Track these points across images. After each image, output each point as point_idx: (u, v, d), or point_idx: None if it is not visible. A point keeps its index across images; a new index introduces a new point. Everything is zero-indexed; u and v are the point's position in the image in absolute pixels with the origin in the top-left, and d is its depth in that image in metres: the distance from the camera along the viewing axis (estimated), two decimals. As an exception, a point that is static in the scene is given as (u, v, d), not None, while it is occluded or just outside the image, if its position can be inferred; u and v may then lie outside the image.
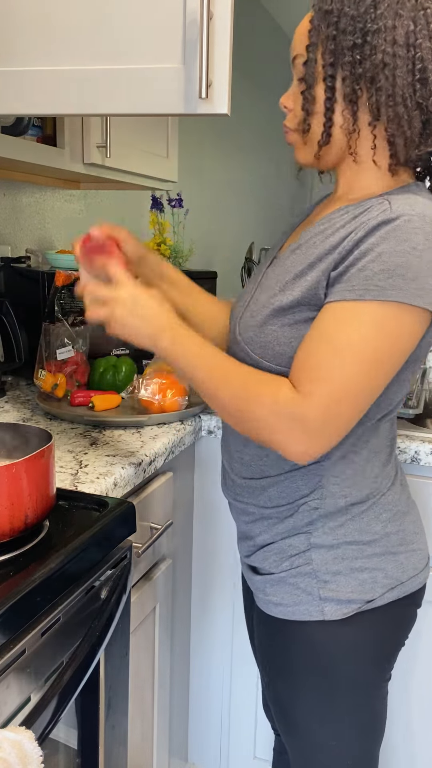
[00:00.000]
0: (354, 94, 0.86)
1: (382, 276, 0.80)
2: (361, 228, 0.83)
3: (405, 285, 0.79)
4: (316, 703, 0.98)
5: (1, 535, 0.79)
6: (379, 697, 1.01)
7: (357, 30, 0.84)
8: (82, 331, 1.48)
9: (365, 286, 0.80)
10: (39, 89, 0.98)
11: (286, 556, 0.97)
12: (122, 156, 1.69)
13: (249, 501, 1.01)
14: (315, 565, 0.94)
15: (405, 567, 0.96)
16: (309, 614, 0.95)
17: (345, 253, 0.84)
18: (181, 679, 1.58)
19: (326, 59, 0.87)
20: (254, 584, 1.02)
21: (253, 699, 1.58)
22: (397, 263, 0.79)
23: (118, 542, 0.92)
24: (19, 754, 0.61)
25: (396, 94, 0.84)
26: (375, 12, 0.83)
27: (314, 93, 0.89)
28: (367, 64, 0.84)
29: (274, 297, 0.90)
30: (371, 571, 0.94)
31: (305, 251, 0.90)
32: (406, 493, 1.01)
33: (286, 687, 1.00)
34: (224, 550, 1.53)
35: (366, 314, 0.81)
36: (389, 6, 0.83)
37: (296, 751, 1.04)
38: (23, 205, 1.83)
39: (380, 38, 0.83)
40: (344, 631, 0.94)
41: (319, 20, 0.87)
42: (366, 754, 1.02)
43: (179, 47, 0.92)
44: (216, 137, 3.07)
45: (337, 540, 0.94)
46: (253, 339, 0.92)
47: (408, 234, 0.80)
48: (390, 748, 1.44)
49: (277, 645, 1.00)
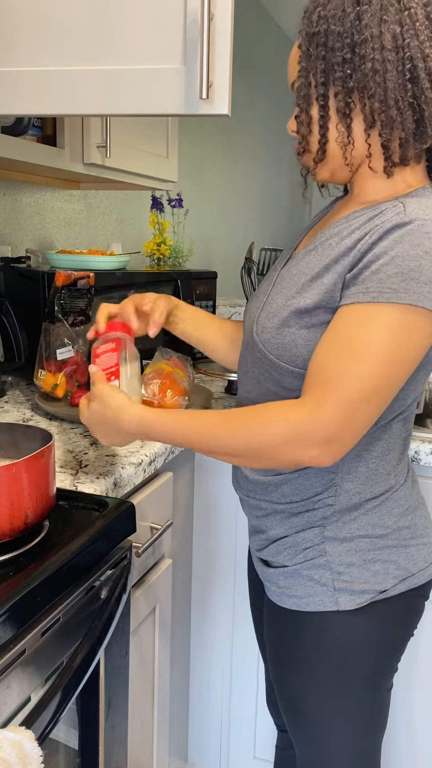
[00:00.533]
0: (347, 107, 0.88)
1: (396, 279, 0.81)
2: (375, 231, 0.84)
3: (418, 288, 0.80)
4: (328, 695, 0.99)
5: (1, 535, 0.79)
6: (386, 688, 1.02)
7: (345, 45, 0.86)
8: (82, 331, 1.48)
9: (379, 289, 0.81)
10: (39, 89, 0.98)
11: (300, 549, 0.98)
12: (122, 156, 1.69)
13: (262, 497, 1.02)
14: (329, 556, 0.96)
15: (416, 559, 0.98)
16: (323, 605, 0.96)
17: (360, 256, 0.85)
18: (181, 679, 1.58)
19: (317, 79, 0.89)
20: (267, 577, 1.03)
21: (253, 699, 1.58)
22: (411, 267, 0.80)
23: (118, 542, 0.92)
24: (19, 754, 0.61)
25: (388, 98, 0.85)
26: (360, 23, 0.85)
27: (311, 114, 0.91)
28: (357, 75, 0.86)
29: (292, 299, 0.91)
30: (383, 562, 0.96)
31: (321, 253, 0.91)
32: (417, 489, 1.03)
33: (297, 679, 1.01)
34: (224, 550, 1.53)
35: (380, 317, 0.82)
36: (373, 15, 0.84)
37: (304, 744, 1.04)
38: (23, 205, 1.83)
39: (368, 47, 0.84)
40: (357, 620, 0.96)
41: (307, 44, 0.89)
42: (370, 747, 1.03)
43: (180, 48, 0.92)
44: (216, 137, 3.07)
45: (350, 533, 0.96)
46: (270, 340, 0.93)
47: (421, 238, 0.81)
48: (392, 741, 1.44)
49: (289, 637, 1.01)
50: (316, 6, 0.89)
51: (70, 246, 2.08)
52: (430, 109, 0.86)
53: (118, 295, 1.64)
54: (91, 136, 1.56)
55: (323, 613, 0.97)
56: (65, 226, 2.04)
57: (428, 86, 0.85)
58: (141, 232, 2.49)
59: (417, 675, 1.39)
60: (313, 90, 0.90)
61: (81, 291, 1.48)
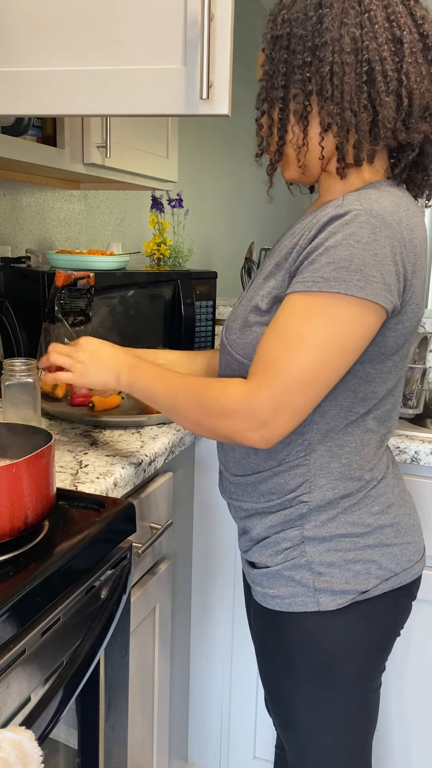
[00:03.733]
0: (305, 110, 0.90)
1: (328, 269, 0.83)
2: (315, 225, 0.87)
3: (348, 276, 0.82)
4: (315, 696, 0.99)
5: (1, 535, 0.79)
6: (373, 688, 1.02)
7: (306, 48, 0.87)
8: (82, 331, 1.48)
9: (313, 279, 0.84)
10: (39, 89, 0.98)
11: (281, 549, 0.98)
12: (122, 156, 1.69)
13: (242, 498, 1.03)
14: (309, 557, 0.96)
15: (399, 559, 0.98)
16: (305, 605, 0.96)
17: (301, 250, 0.88)
18: (181, 679, 1.58)
19: (278, 82, 0.90)
20: (252, 578, 1.04)
21: (253, 699, 1.58)
22: (342, 256, 0.82)
23: (118, 542, 0.92)
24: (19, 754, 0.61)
25: (344, 100, 0.87)
26: (321, 26, 0.86)
27: (272, 116, 0.93)
28: (316, 78, 0.87)
29: (252, 299, 0.95)
30: (365, 562, 0.96)
31: (275, 253, 0.95)
32: (400, 486, 1.03)
33: (283, 680, 1.01)
34: (224, 549, 1.53)
35: (313, 306, 0.84)
36: (334, 18, 0.85)
37: (294, 746, 1.05)
38: (23, 205, 1.83)
39: (327, 50, 0.86)
40: (339, 621, 0.96)
41: (271, 47, 0.90)
42: (361, 747, 1.03)
43: (180, 48, 0.92)
44: (216, 137, 3.07)
45: (329, 532, 0.96)
46: (236, 341, 0.96)
47: (354, 228, 0.83)
48: (385, 741, 1.44)
49: (273, 638, 1.01)
50: (281, 9, 0.90)
51: (70, 246, 2.08)
52: (384, 112, 0.87)
53: (118, 295, 1.64)
54: (91, 136, 1.56)
55: (305, 613, 0.97)
56: (65, 226, 2.04)
57: (383, 88, 0.86)
58: (141, 232, 2.49)
59: (408, 675, 1.39)
60: (273, 92, 0.91)
61: (81, 291, 1.48)
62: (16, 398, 1.14)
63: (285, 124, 0.92)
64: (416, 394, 1.61)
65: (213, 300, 2.02)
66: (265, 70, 0.92)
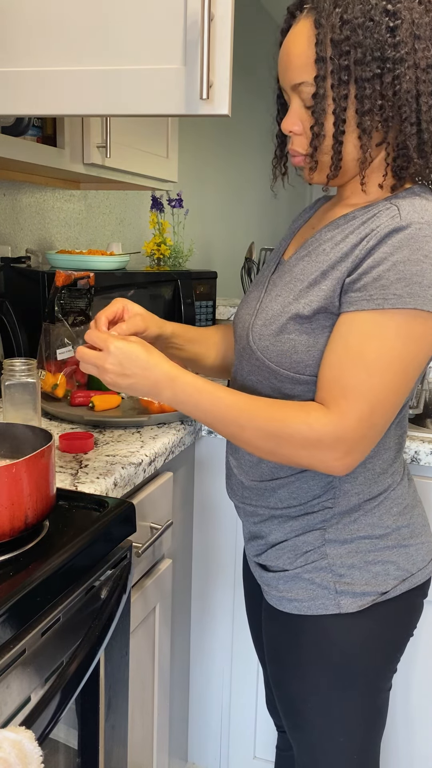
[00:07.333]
0: (371, 126, 0.85)
1: (399, 285, 0.81)
2: (373, 236, 0.84)
3: (422, 292, 0.81)
4: (329, 697, 0.99)
5: (1, 535, 0.79)
6: (386, 689, 1.02)
7: (375, 59, 0.81)
8: (82, 331, 1.48)
9: (383, 296, 0.82)
10: (39, 89, 0.98)
11: (301, 552, 0.98)
12: (122, 156, 1.69)
13: (258, 503, 1.01)
14: (330, 559, 0.96)
15: (415, 559, 0.99)
16: (325, 608, 0.96)
17: (358, 261, 0.84)
18: (181, 679, 1.58)
19: (338, 92, 0.84)
20: (265, 581, 1.03)
21: (253, 699, 1.58)
22: (413, 272, 0.81)
23: (118, 542, 0.92)
24: (19, 754, 0.61)
25: (422, 120, 0.83)
26: (393, 39, 0.81)
27: (324, 126, 0.87)
28: (389, 93, 0.82)
29: (290, 305, 0.90)
30: (384, 563, 0.96)
31: (315, 258, 0.90)
32: (413, 488, 1.04)
33: (297, 682, 1.01)
34: (224, 549, 1.53)
35: (388, 324, 0.82)
36: (407, 30, 0.81)
37: (303, 748, 1.04)
38: (23, 205, 1.83)
39: (403, 66, 0.81)
40: (359, 623, 0.96)
41: (331, 51, 0.83)
42: (370, 747, 1.03)
43: (180, 48, 0.92)
44: (216, 137, 3.07)
45: (351, 535, 0.96)
46: (269, 348, 0.92)
47: (421, 243, 0.81)
48: (391, 741, 1.44)
49: (289, 641, 1.01)
50: (334, 7, 0.82)
51: (70, 246, 2.08)
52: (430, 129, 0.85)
53: (117, 295, 1.64)
54: (91, 136, 1.56)
55: (324, 616, 0.96)
56: (65, 226, 2.04)
57: None
58: (141, 232, 2.49)
59: (416, 674, 1.39)
60: (331, 102, 0.85)
61: (81, 291, 1.48)
62: (16, 398, 1.14)
63: (341, 136, 0.86)
64: (416, 394, 1.61)
65: (213, 300, 2.02)
66: (319, 73, 0.84)
